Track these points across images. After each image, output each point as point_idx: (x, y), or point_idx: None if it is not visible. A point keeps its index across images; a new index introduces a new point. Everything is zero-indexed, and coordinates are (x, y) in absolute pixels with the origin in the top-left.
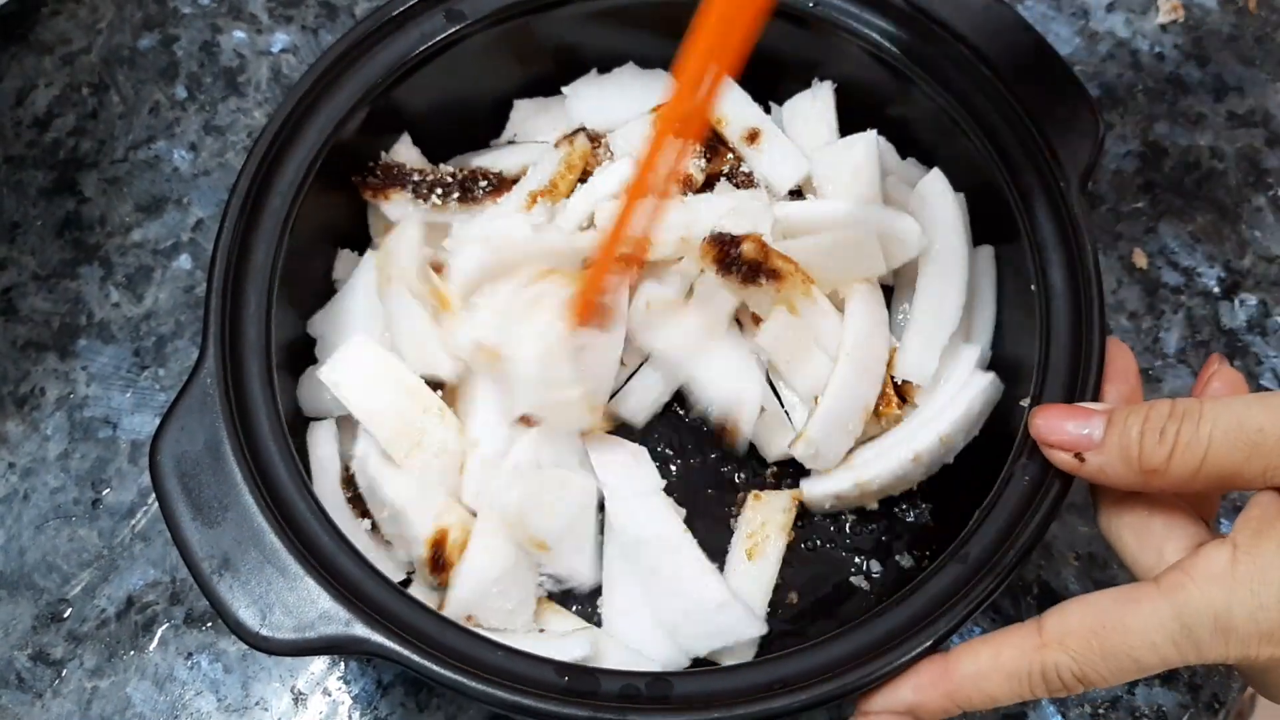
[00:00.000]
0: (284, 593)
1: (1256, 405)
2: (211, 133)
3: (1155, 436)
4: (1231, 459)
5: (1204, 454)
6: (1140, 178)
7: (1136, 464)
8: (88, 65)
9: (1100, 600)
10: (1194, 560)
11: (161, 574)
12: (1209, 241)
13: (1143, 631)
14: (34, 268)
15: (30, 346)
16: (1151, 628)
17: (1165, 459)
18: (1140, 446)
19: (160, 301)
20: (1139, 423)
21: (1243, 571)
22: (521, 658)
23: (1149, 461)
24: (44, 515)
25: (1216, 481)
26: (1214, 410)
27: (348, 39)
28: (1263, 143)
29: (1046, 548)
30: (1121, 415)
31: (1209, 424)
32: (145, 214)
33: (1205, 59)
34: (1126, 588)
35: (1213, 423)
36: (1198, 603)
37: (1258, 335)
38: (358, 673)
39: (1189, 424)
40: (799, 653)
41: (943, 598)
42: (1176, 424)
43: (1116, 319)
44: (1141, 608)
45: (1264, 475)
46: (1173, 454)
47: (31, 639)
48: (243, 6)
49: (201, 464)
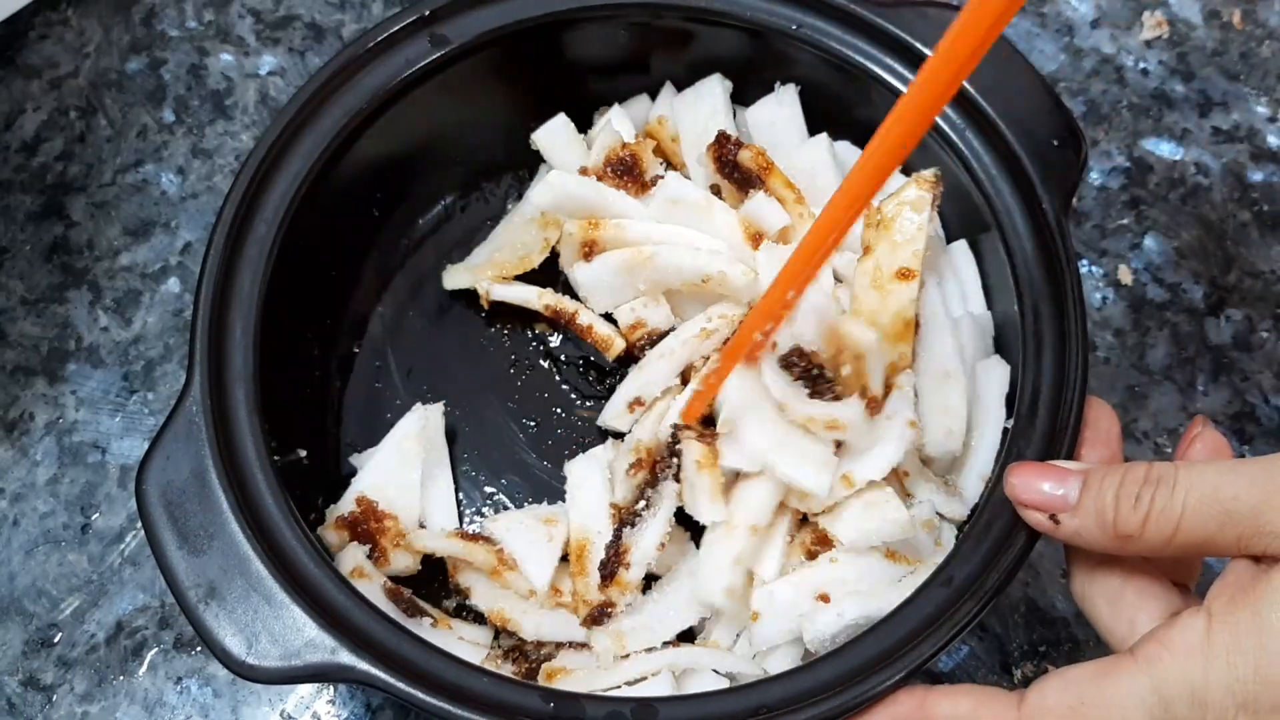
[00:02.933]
0: (270, 621)
1: (1231, 474)
2: (199, 156)
3: (1130, 502)
4: (1205, 527)
5: (1178, 521)
6: (1125, 193)
7: (1111, 529)
8: (75, 89)
9: (1078, 675)
10: (1169, 631)
11: (151, 598)
12: (1194, 257)
13: (1120, 707)
14: (22, 292)
15: (19, 371)
16: (1129, 703)
17: (1140, 525)
18: (1115, 511)
19: (149, 325)
20: (1114, 487)
21: (1218, 642)
22: (508, 684)
23: (1123, 527)
24: (33, 540)
25: (1191, 548)
26: (1189, 477)
27: (333, 64)
28: (1248, 158)
29: (1033, 566)
30: (1097, 478)
31: (1183, 491)
32: (133, 238)
33: (1190, 75)
34: (1104, 661)
35: (1187, 490)
36: (1174, 676)
37: (1243, 351)
38: (347, 696)
39: (1164, 490)
40: (783, 677)
41: (926, 622)
42: (1151, 489)
43: (1102, 335)
44: (1119, 682)
45: (1238, 544)
46: (1147, 520)
47: (22, 664)
48: (230, 29)
49: (188, 492)
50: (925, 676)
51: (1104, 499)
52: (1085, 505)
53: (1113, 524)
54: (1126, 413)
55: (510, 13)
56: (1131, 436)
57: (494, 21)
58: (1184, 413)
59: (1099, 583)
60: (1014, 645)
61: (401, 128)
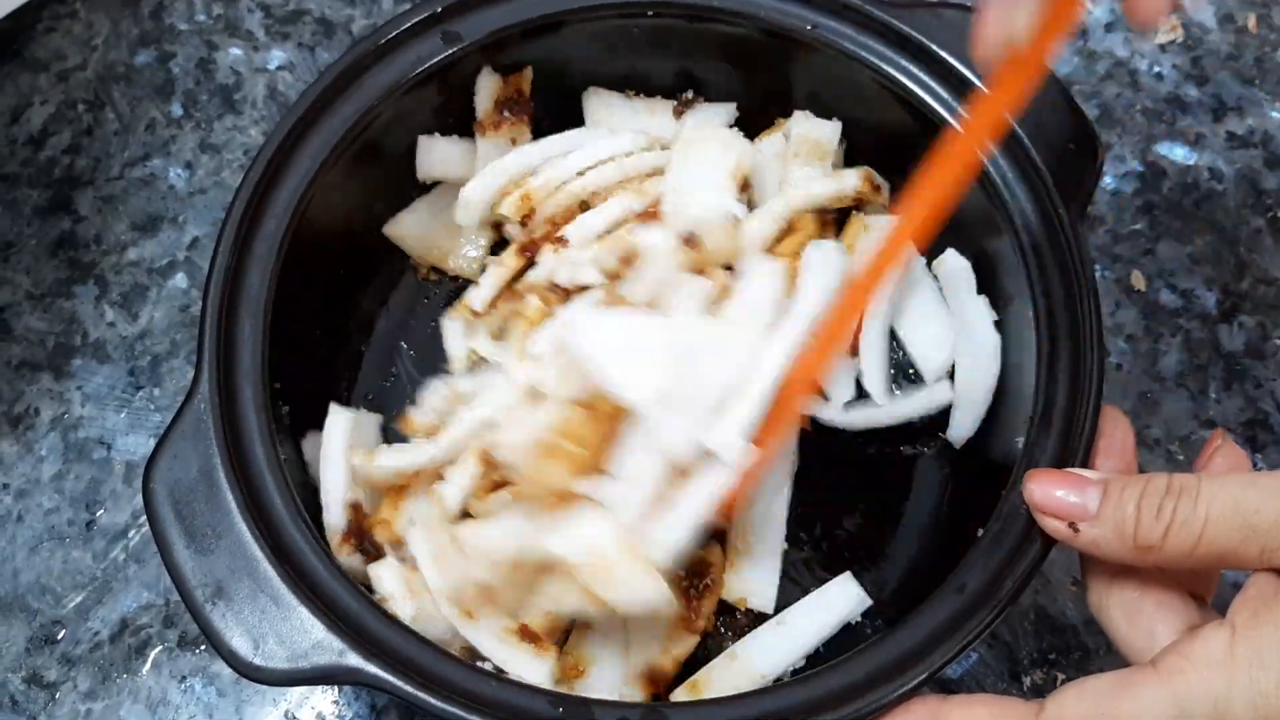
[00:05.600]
0: (277, 622)
1: (1253, 486)
2: (207, 151)
3: (1152, 513)
4: (1228, 539)
5: (1200, 533)
6: (1139, 199)
7: (1131, 539)
8: (83, 82)
9: (1097, 686)
10: (1191, 644)
11: (155, 596)
12: (1207, 263)
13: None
14: (29, 287)
15: (25, 366)
16: (1149, 716)
17: (1161, 536)
18: (1136, 522)
19: (155, 321)
20: (1135, 496)
21: (1241, 656)
22: (516, 688)
23: (1144, 538)
24: (38, 536)
25: (1212, 561)
26: (1210, 488)
27: (344, 60)
28: (1262, 164)
29: (1044, 573)
30: (1118, 487)
31: (1205, 502)
32: (141, 232)
33: (1204, 79)
34: (1124, 673)
35: (1209, 501)
36: (1196, 689)
37: (1256, 359)
38: (352, 697)
39: (1185, 501)
40: (795, 684)
41: (940, 629)
42: (1173, 500)
43: (1114, 341)
44: (1139, 694)
45: (1260, 556)
46: (1168, 531)
47: (25, 661)
48: (240, 23)
49: (195, 491)
50: (934, 684)
51: (1125, 509)
52: (1105, 514)
53: (1133, 535)
54: (1138, 420)
55: (522, 10)
56: (1143, 443)
57: (506, 19)
58: (1196, 420)
59: (1116, 594)
60: (1023, 653)
61: (411, 125)
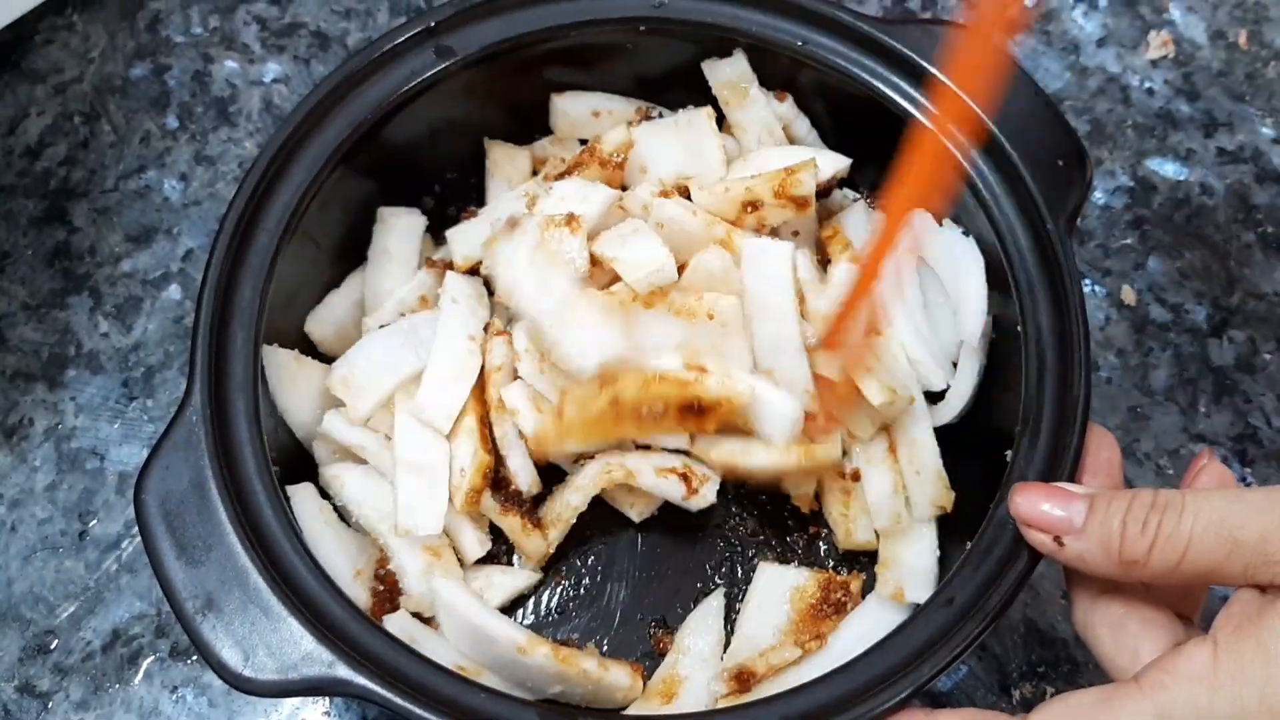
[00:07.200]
0: (267, 633)
1: (1238, 502)
2: (202, 163)
3: (1137, 527)
4: (1213, 555)
5: (1184, 548)
6: (1129, 213)
7: (1116, 554)
8: (79, 94)
9: (1082, 700)
10: (1175, 659)
11: (147, 606)
12: (1198, 278)
13: None
14: (23, 297)
15: (19, 377)
16: None
17: (1146, 551)
18: (1121, 536)
19: (149, 332)
20: (1121, 511)
21: (1224, 671)
22: (503, 699)
23: (1129, 553)
24: (31, 546)
25: (1197, 576)
26: (1196, 504)
27: (338, 74)
28: (1252, 179)
29: (1033, 587)
30: (1104, 502)
31: (1190, 518)
32: (135, 244)
33: (1195, 95)
34: (1108, 688)
35: (1194, 516)
36: (1180, 703)
37: (1246, 373)
38: (342, 707)
39: (1171, 516)
40: (785, 696)
41: (928, 642)
42: (1159, 515)
43: (1104, 356)
44: (1123, 708)
45: (1245, 573)
46: (1153, 546)
47: (18, 671)
48: (235, 36)
49: (186, 503)
50: (924, 697)
51: (1110, 523)
52: (1091, 529)
53: (1119, 549)
54: (1128, 433)
55: (514, 25)
56: (1132, 457)
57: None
58: (1186, 434)
59: (1101, 611)
60: (1013, 666)
61: (404, 138)
